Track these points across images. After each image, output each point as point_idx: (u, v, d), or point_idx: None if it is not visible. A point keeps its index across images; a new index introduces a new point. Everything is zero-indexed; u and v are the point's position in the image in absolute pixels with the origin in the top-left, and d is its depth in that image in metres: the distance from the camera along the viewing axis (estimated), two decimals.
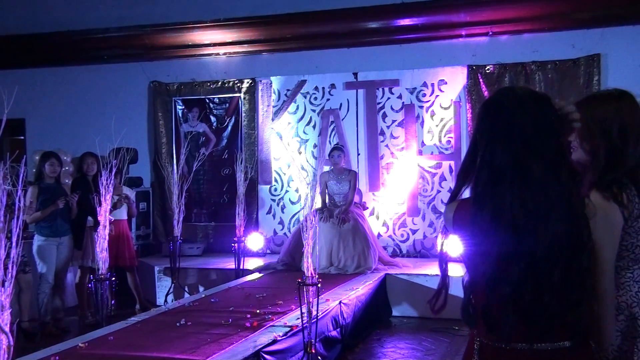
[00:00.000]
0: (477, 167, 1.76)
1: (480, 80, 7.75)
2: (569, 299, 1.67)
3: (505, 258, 1.67)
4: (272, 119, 8.59)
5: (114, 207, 6.23)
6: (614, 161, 1.96)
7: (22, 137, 9.51)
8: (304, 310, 4.39)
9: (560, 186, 1.68)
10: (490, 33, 7.73)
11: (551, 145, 1.71)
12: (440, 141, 8.02)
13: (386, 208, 8.19)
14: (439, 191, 8.01)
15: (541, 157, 1.69)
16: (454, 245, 1.88)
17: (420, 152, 8.08)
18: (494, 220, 1.68)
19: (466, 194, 1.85)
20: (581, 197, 1.73)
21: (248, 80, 8.70)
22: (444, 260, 1.92)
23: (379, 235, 8.01)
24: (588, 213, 1.71)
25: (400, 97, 8.14)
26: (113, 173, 5.33)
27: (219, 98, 8.86)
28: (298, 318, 4.49)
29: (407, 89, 8.11)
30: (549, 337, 1.70)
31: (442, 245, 1.92)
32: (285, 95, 8.57)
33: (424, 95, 8.05)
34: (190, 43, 8.69)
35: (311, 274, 4.44)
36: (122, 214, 6.91)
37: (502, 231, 1.67)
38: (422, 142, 8.07)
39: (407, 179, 8.07)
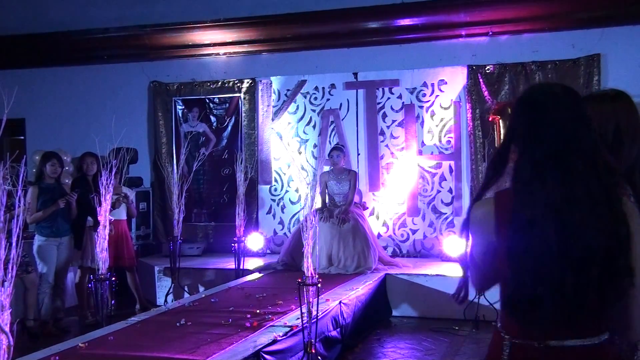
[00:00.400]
0: (517, 162, 1.75)
1: (480, 80, 7.75)
2: (605, 297, 1.67)
3: (544, 254, 1.66)
4: (272, 119, 8.59)
5: (112, 206, 6.23)
6: None
7: (22, 137, 9.51)
8: (304, 310, 4.39)
9: (600, 182, 1.68)
10: (490, 33, 7.73)
11: (590, 140, 1.71)
12: (440, 141, 8.02)
13: (386, 208, 8.19)
14: (439, 191, 8.01)
15: (581, 153, 1.69)
16: (470, 243, 1.90)
17: (420, 152, 8.07)
18: (535, 215, 1.67)
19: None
20: (618, 195, 1.72)
21: (248, 80, 8.69)
22: (465, 261, 1.93)
23: (379, 235, 8.01)
24: (626, 210, 1.71)
25: (400, 97, 8.13)
26: (113, 173, 5.33)
27: (219, 98, 8.86)
28: (298, 318, 4.49)
29: (407, 89, 8.10)
30: (581, 334, 1.70)
31: (464, 246, 1.92)
32: (285, 95, 8.57)
33: (424, 95, 8.05)
34: (190, 43, 8.69)
35: (311, 274, 4.44)
36: (122, 214, 6.91)
37: (544, 227, 1.66)
38: (422, 142, 8.07)
39: (407, 179, 8.07)
